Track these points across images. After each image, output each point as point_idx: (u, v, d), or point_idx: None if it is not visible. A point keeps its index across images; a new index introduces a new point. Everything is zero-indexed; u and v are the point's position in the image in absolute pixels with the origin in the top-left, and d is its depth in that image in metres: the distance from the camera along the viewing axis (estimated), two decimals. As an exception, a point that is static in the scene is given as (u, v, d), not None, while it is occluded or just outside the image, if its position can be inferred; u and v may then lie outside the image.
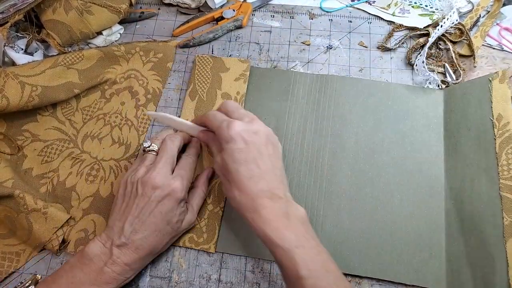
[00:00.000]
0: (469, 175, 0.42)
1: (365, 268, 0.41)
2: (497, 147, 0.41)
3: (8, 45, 0.49)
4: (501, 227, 0.38)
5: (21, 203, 0.41)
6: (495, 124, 0.42)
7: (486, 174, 0.41)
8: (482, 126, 0.43)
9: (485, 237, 0.39)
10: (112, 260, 0.36)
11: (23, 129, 0.48)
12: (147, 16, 0.57)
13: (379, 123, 0.48)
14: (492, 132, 0.42)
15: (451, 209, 0.42)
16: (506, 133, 0.41)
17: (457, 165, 0.44)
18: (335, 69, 0.53)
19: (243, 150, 0.37)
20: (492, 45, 0.52)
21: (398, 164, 0.45)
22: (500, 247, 0.37)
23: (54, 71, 0.47)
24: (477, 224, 0.40)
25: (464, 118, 0.45)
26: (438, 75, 0.50)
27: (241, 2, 0.57)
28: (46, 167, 0.47)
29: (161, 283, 0.41)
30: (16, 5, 0.46)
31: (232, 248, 0.43)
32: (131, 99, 0.51)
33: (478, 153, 0.42)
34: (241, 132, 0.37)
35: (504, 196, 0.39)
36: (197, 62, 0.52)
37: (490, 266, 0.37)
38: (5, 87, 0.43)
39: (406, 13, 0.56)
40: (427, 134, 0.47)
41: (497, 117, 0.42)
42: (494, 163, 0.40)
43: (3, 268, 0.41)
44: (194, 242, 0.43)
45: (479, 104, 0.44)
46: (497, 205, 0.39)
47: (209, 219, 0.44)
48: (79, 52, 0.50)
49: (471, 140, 0.43)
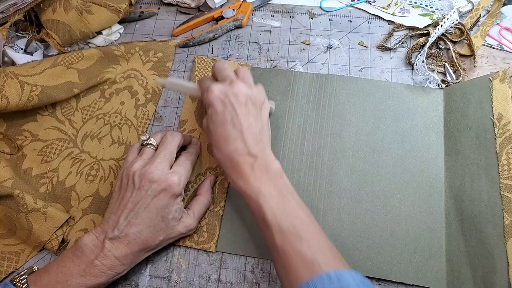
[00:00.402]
0: (469, 175, 0.42)
1: (365, 267, 0.41)
2: (497, 146, 0.41)
3: (7, 45, 0.49)
4: (501, 226, 0.38)
5: (20, 202, 0.41)
6: (496, 124, 0.42)
7: (487, 173, 0.41)
8: (483, 126, 0.43)
9: (486, 237, 0.38)
10: (103, 254, 0.36)
11: (23, 129, 0.48)
12: (146, 16, 0.57)
13: (379, 123, 0.47)
14: (493, 132, 0.42)
15: (451, 209, 0.42)
16: (507, 132, 0.41)
17: (457, 164, 0.44)
18: (335, 68, 0.52)
19: (219, 113, 0.38)
20: (492, 45, 0.52)
21: (398, 163, 0.45)
22: (501, 246, 0.37)
23: (54, 71, 0.47)
24: (477, 224, 0.40)
25: (464, 118, 0.45)
26: (438, 74, 0.50)
27: (241, 1, 0.57)
28: (46, 167, 0.47)
29: (161, 283, 0.41)
30: (16, 5, 0.46)
31: (233, 247, 0.42)
32: (131, 98, 0.51)
33: (478, 152, 0.42)
34: (219, 95, 0.39)
35: (505, 195, 0.39)
36: (196, 64, 0.52)
37: (490, 265, 0.37)
38: (5, 86, 0.43)
39: (406, 13, 0.56)
40: (427, 133, 0.46)
41: (497, 116, 0.42)
42: (495, 162, 0.40)
43: (3, 268, 0.41)
44: (194, 242, 0.42)
45: (480, 104, 0.44)
46: (497, 205, 0.39)
47: (209, 218, 0.44)
48: (79, 52, 0.50)
49: (471, 140, 0.43)
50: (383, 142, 0.46)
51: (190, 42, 0.55)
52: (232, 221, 0.44)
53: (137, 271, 0.42)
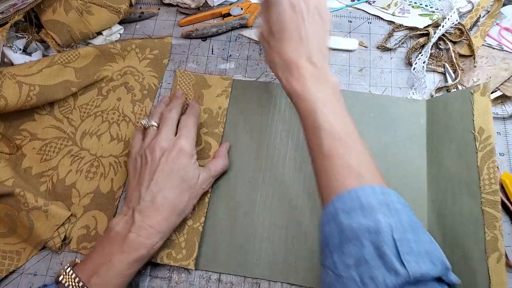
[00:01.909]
0: (451, 188, 0.41)
1: None
2: (478, 160, 0.40)
3: (6, 45, 0.49)
4: (483, 242, 0.37)
5: (21, 201, 0.41)
6: (477, 138, 0.40)
7: (468, 188, 0.40)
8: (464, 140, 0.42)
9: (467, 252, 0.37)
10: (136, 226, 0.37)
11: (21, 129, 0.48)
12: (147, 16, 0.57)
13: (362, 135, 0.47)
14: (474, 146, 0.40)
15: (434, 223, 0.41)
16: (488, 146, 0.40)
17: (440, 177, 0.43)
18: (335, 69, 0.52)
19: (287, 15, 0.37)
20: (492, 45, 0.52)
21: None
22: (482, 263, 0.36)
23: (51, 70, 0.47)
24: (459, 239, 0.39)
25: (446, 130, 0.44)
26: (436, 77, 0.50)
27: (251, 2, 0.56)
28: (46, 166, 0.47)
29: (161, 283, 0.41)
30: (16, 5, 0.46)
31: (212, 265, 0.42)
32: (127, 94, 0.51)
33: (460, 166, 0.41)
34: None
35: (486, 210, 0.37)
36: (178, 78, 0.51)
37: (472, 283, 0.36)
38: (3, 87, 0.43)
39: (406, 13, 0.55)
40: (410, 146, 0.46)
41: (478, 130, 0.41)
42: (476, 177, 0.39)
43: (4, 267, 0.41)
44: (172, 258, 0.41)
45: (461, 117, 0.43)
46: (479, 220, 0.38)
47: (188, 234, 0.42)
48: (75, 50, 0.49)
49: (453, 153, 0.42)
50: None
51: (193, 33, 0.54)
52: (212, 237, 0.43)
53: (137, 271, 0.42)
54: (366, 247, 0.27)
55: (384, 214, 0.28)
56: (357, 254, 0.27)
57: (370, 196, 0.29)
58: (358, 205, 0.29)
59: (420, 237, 0.28)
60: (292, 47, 0.37)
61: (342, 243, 0.29)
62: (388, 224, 0.28)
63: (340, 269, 0.28)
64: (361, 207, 0.29)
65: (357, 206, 0.29)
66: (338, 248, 0.29)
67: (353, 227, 0.28)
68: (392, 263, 0.26)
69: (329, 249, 0.30)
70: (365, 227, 0.28)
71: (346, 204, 0.30)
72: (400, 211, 0.29)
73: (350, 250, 0.28)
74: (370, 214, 0.28)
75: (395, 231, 0.27)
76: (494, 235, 0.36)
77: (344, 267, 0.28)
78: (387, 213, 0.28)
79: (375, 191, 0.30)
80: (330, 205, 0.31)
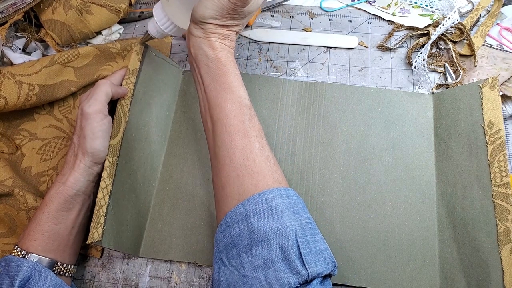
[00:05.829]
0: (461, 182, 0.41)
1: (359, 277, 0.40)
2: (489, 154, 0.39)
3: (6, 45, 0.48)
4: (495, 234, 0.36)
5: (21, 201, 0.41)
6: (487, 131, 0.40)
7: (478, 181, 0.39)
8: (473, 133, 0.41)
9: (479, 245, 0.37)
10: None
11: (21, 128, 0.47)
12: (146, 16, 0.56)
13: (369, 130, 0.46)
14: (484, 139, 0.40)
15: (444, 216, 0.41)
16: (498, 140, 0.39)
17: (449, 171, 0.42)
18: (335, 69, 0.52)
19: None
20: (492, 45, 0.51)
21: (389, 171, 0.44)
22: (495, 254, 0.36)
23: (51, 70, 0.46)
24: (470, 232, 0.38)
25: (454, 124, 0.43)
26: (436, 75, 0.50)
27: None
28: (45, 165, 0.46)
29: (161, 284, 0.41)
30: (15, 5, 0.45)
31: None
32: None
33: (470, 159, 0.41)
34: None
35: (497, 203, 0.37)
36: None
37: (484, 273, 0.36)
38: (2, 87, 0.42)
39: (406, 13, 0.54)
40: (417, 139, 0.45)
41: (488, 124, 0.40)
42: (486, 170, 0.39)
43: (3, 267, 0.41)
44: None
45: (470, 111, 0.42)
46: (490, 213, 0.37)
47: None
48: (75, 50, 0.48)
49: (462, 147, 0.42)
50: (373, 150, 0.45)
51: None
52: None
53: (137, 271, 0.42)
54: (274, 250, 0.28)
55: (289, 217, 0.30)
56: (265, 256, 0.28)
57: (277, 199, 0.30)
58: (267, 207, 0.30)
59: (316, 237, 0.30)
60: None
61: (252, 245, 0.29)
62: (293, 227, 0.29)
63: (246, 269, 0.29)
64: (270, 209, 0.30)
65: (266, 208, 0.30)
66: (248, 249, 0.29)
67: (264, 230, 0.29)
68: (296, 265, 0.28)
69: (237, 250, 0.30)
70: (274, 230, 0.29)
71: (257, 206, 0.30)
72: (301, 213, 0.30)
73: (259, 252, 0.29)
74: (279, 217, 0.29)
75: (298, 234, 0.29)
76: (506, 227, 0.36)
77: (252, 268, 0.29)
78: (292, 217, 0.30)
79: (281, 194, 0.31)
80: (240, 207, 0.31)
